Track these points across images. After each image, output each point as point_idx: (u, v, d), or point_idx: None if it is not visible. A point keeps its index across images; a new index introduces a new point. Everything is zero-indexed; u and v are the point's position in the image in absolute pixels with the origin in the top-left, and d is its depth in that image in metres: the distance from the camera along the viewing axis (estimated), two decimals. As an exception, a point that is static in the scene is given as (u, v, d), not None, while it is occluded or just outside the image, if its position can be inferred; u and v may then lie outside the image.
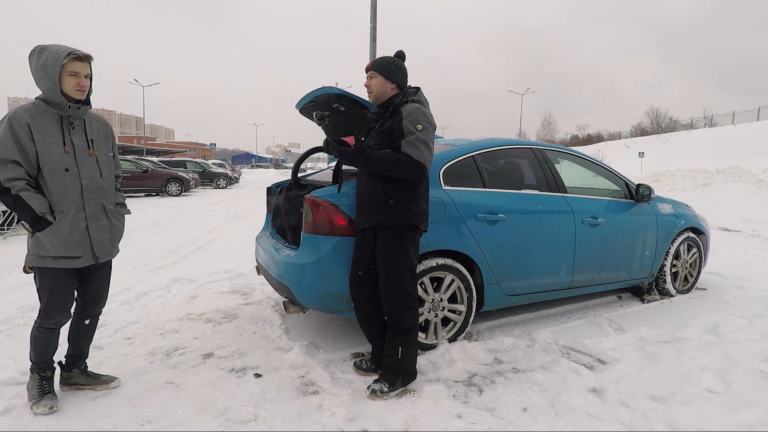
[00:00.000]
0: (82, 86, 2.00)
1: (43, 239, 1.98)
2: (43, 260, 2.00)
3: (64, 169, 2.00)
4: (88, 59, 2.01)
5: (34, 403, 2.09)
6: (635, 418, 2.06)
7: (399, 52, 2.40)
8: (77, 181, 2.03)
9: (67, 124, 2.03)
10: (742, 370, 2.45)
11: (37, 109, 1.98)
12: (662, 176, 20.27)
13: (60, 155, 1.99)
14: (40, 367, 2.15)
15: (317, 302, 2.63)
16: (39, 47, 1.97)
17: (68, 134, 2.03)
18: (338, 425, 2.02)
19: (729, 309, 3.60)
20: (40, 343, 2.13)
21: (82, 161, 2.06)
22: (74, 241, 2.03)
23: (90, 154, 2.09)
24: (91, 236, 2.09)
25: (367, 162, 2.19)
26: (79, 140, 2.06)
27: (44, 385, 2.14)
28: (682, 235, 4.03)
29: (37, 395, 2.11)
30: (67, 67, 1.95)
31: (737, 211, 10.31)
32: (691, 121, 45.47)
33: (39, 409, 2.06)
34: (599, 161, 3.86)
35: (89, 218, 2.08)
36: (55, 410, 2.08)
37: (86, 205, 2.07)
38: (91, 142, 2.11)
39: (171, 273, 4.65)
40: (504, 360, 2.70)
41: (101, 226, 2.14)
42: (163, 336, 3.02)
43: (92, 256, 2.11)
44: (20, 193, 1.92)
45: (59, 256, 2.01)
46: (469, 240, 2.81)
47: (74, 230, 2.03)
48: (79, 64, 1.98)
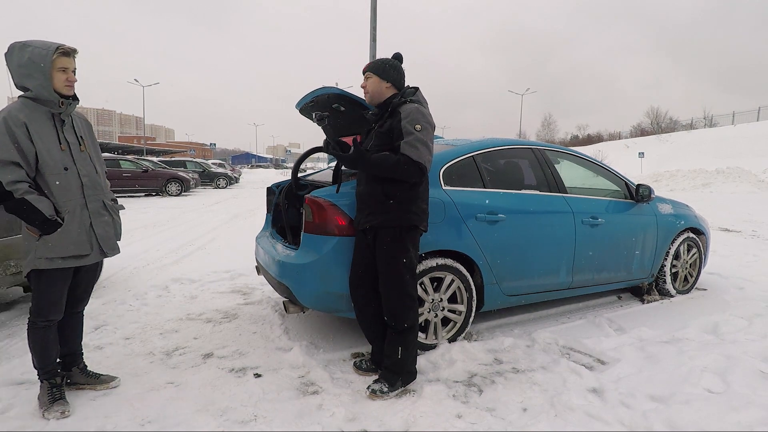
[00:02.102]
0: (71, 81, 1.97)
1: (52, 241, 1.95)
2: (52, 262, 1.96)
3: (63, 168, 1.97)
4: (74, 53, 1.98)
5: (45, 410, 2.03)
6: (635, 418, 2.06)
7: (396, 54, 2.41)
8: (77, 179, 2.02)
9: (59, 121, 2.00)
10: (742, 370, 2.45)
11: (28, 107, 1.92)
12: (662, 176, 20.28)
13: (58, 154, 1.96)
14: (47, 373, 2.10)
15: (317, 302, 2.63)
16: (19, 44, 1.91)
17: (61, 132, 2.00)
18: (338, 425, 2.02)
19: (729, 309, 3.60)
20: (38, 344, 2.08)
21: (78, 158, 2.04)
22: (83, 240, 2.02)
23: (82, 150, 2.08)
24: (96, 233, 2.08)
25: (367, 165, 2.19)
26: (72, 137, 2.04)
27: (54, 393, 2.09)
28: (682, 235, 4.03)
29: (48, 402, 2.06)
30: (56, 63, 1.91)
31: (737, 212, 10.31)
32: (691, 122, 45.49)
33: (51, 415, 2.01)
34: (599, 161, 3.86)
35: (92, 215, 2.07)
36: (67, 415, 2.03)
37: (88, 203, 2.06)
38: (81, 139, 2.09)
39: (171, 273, 4.65)
40: (504, 360, 2.69)
41: (105, 222, 2.13)
42: (163, 336, 3.02)
43: (100, 252, 2.11)
44: (26, 197, 1.86)
45: (68, 256, 1.99)
46: (469, 240, 2.80)
47: (81, 230, 2.02)
48: (67, 59, 1.95)
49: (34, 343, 2.08)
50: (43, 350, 2.09)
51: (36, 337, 2.07)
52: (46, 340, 2.09)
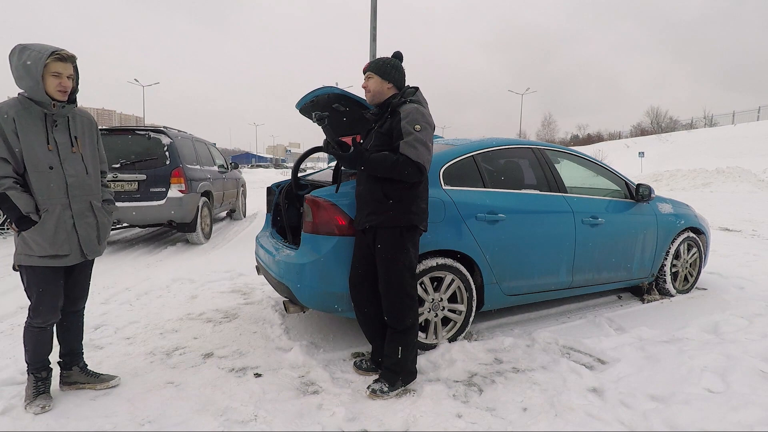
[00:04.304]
0: (64, 87, 1.97)
1: (29, 238, 1.97)
2: (30, 259, 1.99)
3: (48, 167, 1.98)
4: (71, 59, 1.98)
5: (28, 403, 2.09)
6: (635, 418, 2.06)
7: (396, 53, 2.40)
8: (62, 179, 2.01)
9: (50, 121, 2.00)
10: (742, 370, 2.45)
11: (21, 104, 1.95)
12: (662, 176, 20.28)
13: (43, 153, 1.97)
14: (35, 368, 2.15)
15: (317, 302, 2.63)
16: (20, 46, 1.94)
17: (51, 132, 2.00)
18: (338, 425, 2.02)
19: (729, 309, 3.60)
20: (32, 343, 2.12)
21: (66, 159, 2.03)
22: (60, 240, 2.02)
23: (73, 151, 2.07)
24: (78, 234, 2.08)
25: (366, 165, 2.20)
26: (63, 138, 2.04)
27: (39, 386, 2.14)
28: (682, 234, 4.03)
29: (32, 395, 2.11)
30: (49, 67, 1.92)
31: (737, 211, 10.30)
32: (691, 121, 45.50)
33: (32, 409, 2.06)
34: (599, 161, 3.86)
35: (76, 216, 2.07)
36: (48, 410, 2.07)
37: (72, 203, 2.05)
38: (75, 139, 2.08)
39: (171, 273, 4.65)
40: (504, 360, 2.69)
41: (88, 224, 2.12)
42: (163, 336, 3.02)
43: (81, 254, 2.10)
44: (7, 192, 1.92)
45: (45, 255, 2.00)
46: (469, 240, 2.80)
47: (60, 229, 2.02)
48: (62, 64, 1.95)
49: (28, 342, 2.13)
50: (36, 348, 2.14)
51: (31, 336, 2.12)
52: (40, 340, 2.13)
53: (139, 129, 5.95)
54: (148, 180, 5.66)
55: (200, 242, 6.35)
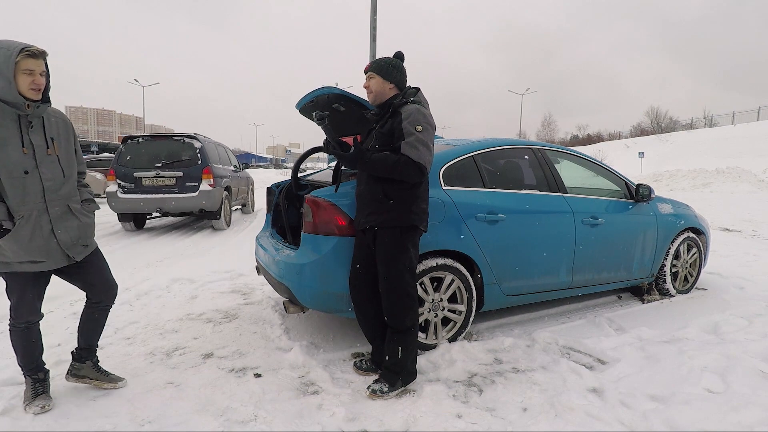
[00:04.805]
0: (37, 84, 1.85)
1: (5, 246, 1.88)
2: (8, 266, 1.93)
3: (23, 172, 1.87)
4: (42, 55, 1.87)
5: (27, 404, 2.08)
6: (635, 418, 2.06)
7: (398, 53, 2.40)
8: (38, 184, 1.92)
9: (25, 123, 1.89)
10: (742, 370, 2.45)
11: None
12: (662, 176, 20.29)
13: (18, 157, 1.86)
14: (30, 370, 2.13)
15: (317, 302, 2.63)
16: None
17: (27, 134, 1.89)
18: (338, 425, 2.02)
19: (729, 309, 3.60)
20: (20, 344, 2.09)
21: (42, 162, 1.93)
22: (36, 247, 1.93)
23: (49, 153, 1.96)
24: (58, 239, 1.99)
25: (367, 165, 2.19)
26: (38, 140, 1.93)
27: (38, 388, 2.12)
28: (682, 235, 4.03)
29: (31, 397, 2.10)
30: (20, 65, 1.80)
31: (737, 211, 10.30)
32: (691, 121, 45.49)
33: (32, 409, 2.05)
34: (599, 161, 3.86)
35: (54, 221, 1.97)
36: (48, 410, 2.06)
37: (49, 208, 1.96)
38: (51, 141, 1.97)
39: (171, 273, 4.65)
40: (504, 360, 2.70)
41: (68, 227, 2.03)
42: (163, 336, 3.02)
43: (64, 258, 2.04)
44: None
45: (23, 261, 1.93)
46: (469, 240, 2.80)
47: (36, 235, 1.93)
48: (34, 61, 1.83)
49: (16, 344, 2.11)
50: (25, 350, 2.11)
51: (17, 338, 2.09)
52: (27, 340, 2.10)
53: (175, 135, 7.22)
54: (184, 176, 6.95)
55: (223, 228, 7.58)
